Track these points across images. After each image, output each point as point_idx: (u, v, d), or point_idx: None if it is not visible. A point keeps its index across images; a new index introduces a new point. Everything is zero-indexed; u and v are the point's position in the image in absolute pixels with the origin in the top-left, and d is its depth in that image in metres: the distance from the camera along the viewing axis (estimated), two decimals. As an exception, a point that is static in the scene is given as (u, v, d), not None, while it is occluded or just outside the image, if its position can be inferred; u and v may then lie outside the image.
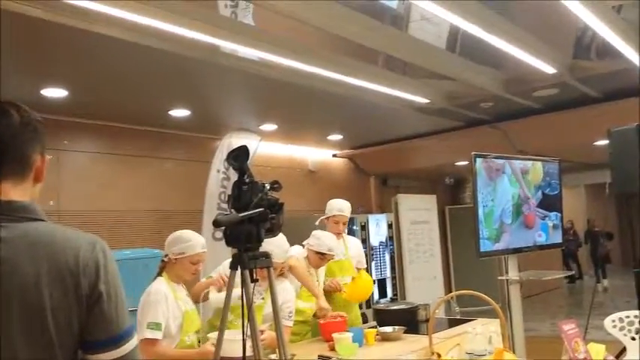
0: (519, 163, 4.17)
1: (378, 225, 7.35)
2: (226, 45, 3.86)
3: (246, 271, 1.81)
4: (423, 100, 5.63)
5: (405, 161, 8.01)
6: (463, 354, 2.77)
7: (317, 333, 3.55)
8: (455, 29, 4.78)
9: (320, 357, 2.95)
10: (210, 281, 3.14)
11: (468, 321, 3.72)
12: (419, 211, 8.32)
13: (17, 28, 3.16)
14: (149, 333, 2.52)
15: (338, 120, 6.46)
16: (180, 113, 5.34)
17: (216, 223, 1.76)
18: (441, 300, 2.71)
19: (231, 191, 1.89)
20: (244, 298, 1.77)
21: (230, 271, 1.88)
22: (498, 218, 3.95)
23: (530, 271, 4.59)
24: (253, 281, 1.84)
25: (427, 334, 2.74)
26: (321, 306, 3.48)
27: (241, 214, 1.79)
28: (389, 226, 7.52)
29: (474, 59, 4.95)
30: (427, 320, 3.59)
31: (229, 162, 1.89)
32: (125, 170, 5.64)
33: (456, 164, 8.17)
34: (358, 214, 7.03)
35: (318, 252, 3.60)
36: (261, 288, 2.99)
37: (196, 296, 3.04)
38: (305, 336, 3.60)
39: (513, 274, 4.05)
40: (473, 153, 3.89)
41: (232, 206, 1.87)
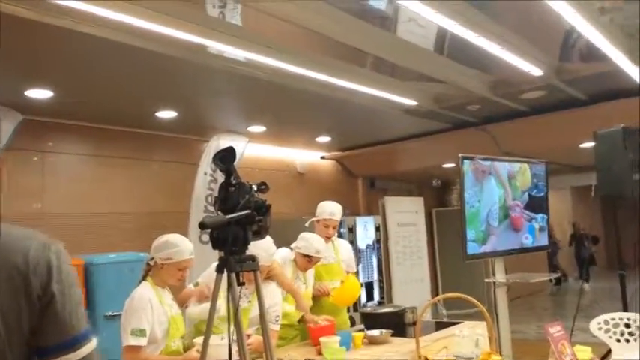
0: (507, 167, 4.20)
1: (366, 227, 7.34)
2: (214, 45, 3.83)
3: (232, 275, 1.78)
4: (411, 103, 5.64)
5: (393, 163, 8.02)
6: (450, 357, 2.76)
7: (305, 337, 3.53)
8: (443, 31, 4.79)
9: (307, 360, 2.93)
10: (192, 291, 3.10)
11: (455, 324, 3.72)
12: (406, 214, 8.33)
13: (1, 29, 3.10)
14: (133, 339, 2.48)
15: (326, 122, 6.45)
16: (166, 115, 5.30)
17: (202, 226, 1.74)
18: (429, 303, 2.71)
19: (217, 193, 1.87)
20: (230, 302, 1.75)
21: (216, 274, 1.86)
22: (485, 220, 3.96)
23: (516, 274, 4.61)
24: (240, 284, 1.81)
25: (414, 337, 2.73)
26: (300, 309, 3.46)
27: (228, 217, 1.77)
28: (376, 229, 7.52)
29: (462, 61, 4.96)
30: (414, 323, 3.58)
31: (216, 163, 1.87)
32: (111, 172, 5.57)
33: (444, 166, 8.20)
34: (346, 217, 7.01)
35: (305, 254, 3.58)
36: (247, 291, 2.96)
37: (182, 302, 3.01)
38: (293, 340, 3.58)
39: (500, 277, 4.07)
40: (460, 155, 3.92)
41: (219, 208, 1.85)
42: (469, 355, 2.68)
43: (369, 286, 7.17)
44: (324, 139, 7.27)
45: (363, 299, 6.85)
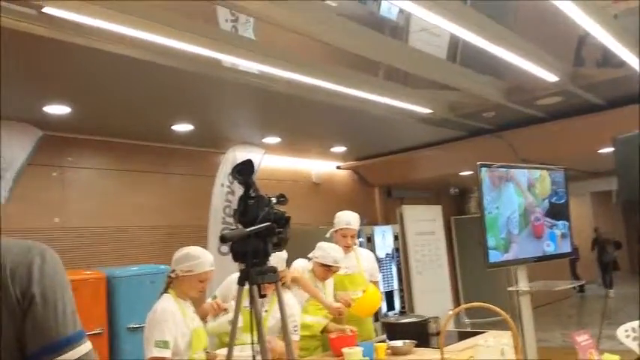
0: (525, 174, 4.15)
1: (384, 237, 7.31)
2: (228, 59, 3.86)
3: (254, 287, 1.77)
4: (426, 111, 5.62)
5: (409, 172, 7.98)
6: (475, 367, 2.72)
7: (327, 348, 3.50)
8: (455, 39, 4.78)
9: (329, 372, 2.91)
10: (208, 307, 3.11)
11: (479, 333, 3.67)
12: (424, 222, 8.27)
13: (20, 46, 3.16)
14: (157, 351, 2.48)
15: (341, 132, 6.45)
16: (183, 128, 5.34)
17: (223, 239, 1.73)
18: (453, 313, 2.67)
19: (237, 206, 1.86)
20: (252, 314, 1.74)
21: (237, 287, 1.85)
22: (505, 226, 3.91)
23: (540, 282, 4.54)
24: (261, 297, 1.80)
25: (438, 348, 2.69)
26: (333, 306, 3.43)
27: (248, 229, 1.76)
28: (395, 238, 7.47)
29: (475, 69, 4.94)
30: (438, 333, 3.53)
31: (234, 176, 1.86)
32: (129, 186, 5.62)
33: (460, 174, 8.14)
34: (363, 226, 6.99)
35: (323, 264, 3.56)
36: (263, 300, 2.96)
37: (202, 317, 3.01)
38: (314, 351, 3.55)
39: (523, 285, 4.00)
40: (478, 163, 3.87)
41: (239, 221, 1.84)
42: (494, 365, 2.63)
43: (390, 296, 7.12)
44: (340, 149, 7.27)
45: (384, 309, 6.80)
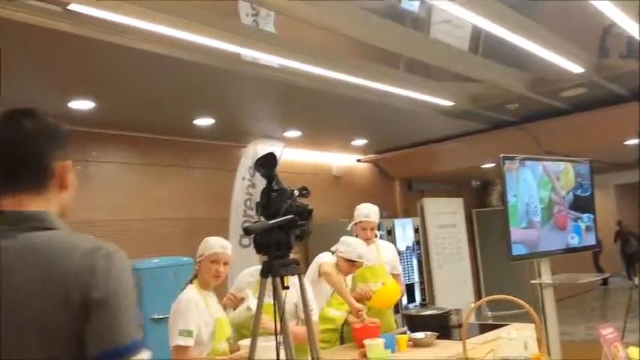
0: (549, 166, 4.10)
1: (405, 229, 7.29)
2: (248, 53, 3.87)
3: (277, 279, 1.79)
4: (447, 103, 5.57)
5: (430, 165, 7.94)
6: (498, 360, 2.71)
7: (347, 341, 3.52)
8: (477, 30, 4.72)
9: (351, 364, 2.92)
10: (225, 301, 3.14)
11: (500, 326, 3.64)
12: (445, 215, 8.23)
13: (45, 43, 3.21)
14: (181, 340, 2.53)
15: (362, 125, 6.43)
16: (205, 122, 5.38)
17: (246, 231, 1.75)
18: (476, 305, 2.66)
19: (259, 198, 1.88)
20: (276, 306, 1.76)
21: (260, 279, 1.87)
22: (524, 215, 3.85)
23: (563, 275, 4.49)
24: (284, 288, 1.82)
25: (459, 340, 2.69)
26: (355, 306, 3.44)
27: (271, 222, 1.78)
28: (415, 231, 7.45)
29: (498, 60, 4.88)
30: (459, 326, 3.52)
31: (257, 169, 1.88)
32: (152, 180, 5.69)
33: (482, 167, 8.07)
34: (383, 219, 6.98)
35: (347, 259, 3.55)
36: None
37: (224, 306, 3.05)
38: (336, 343, 3.57)
39: (547, 278, 3.96)
40: (501, 155, 3.84)
41: (261, 213, 1.86)
42: (518, 358, 2.62)
43: (410, 288, 7.11)
44: (360, 142, 7.25)
45: (405, 301, 6.79)
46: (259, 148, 5.85)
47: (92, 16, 2.99)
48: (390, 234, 6.98)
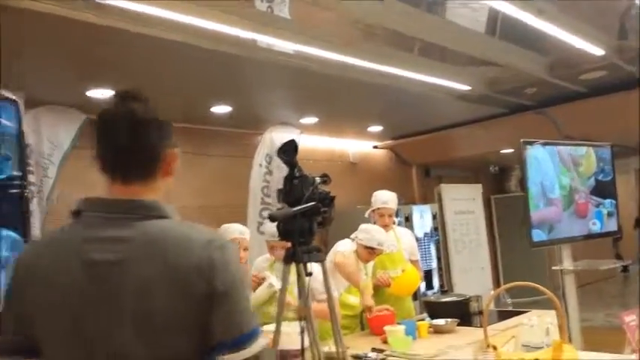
0: (570, 151, 4.04)
1: (422, 216, 7.26)
2: (264, 39, 3.85)
3: (300, 265, 1.80)
4: (465, 88, 5.51)
5: (448, 150, 7.87)
6: (519, 346, 2.69)
7: (365, 327, 3.53)
8: (494, 13, 4.64)
9: (373, 350, 2.93)
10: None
11: (520, 313, 3.63)
12: (463, 201, 8.17)
13: (62, 32, 3.23)
14: None
15: (378, 111, 6.39)
16: (221, 110, 5.38)
17: (271, 218, 1.76)
18: (497, 292, 2.65)
19: (282, 185, 1.88)
20: (301, 292, 1.77)
21: (284, 265, 1.88)
22: (541, 196, 3.79)
23: (584, 261, 4.44)
24: (307, 275, 1.83)
25: (480, 327, 2.68)
26: (365, 303, 3.44)
27: (294, 209, 1.78)
28: (433, 217, 7.42)
29: (516, 43, 4.80)
30: (480, 312, 3.52)
31: (279, 157, 1.88)
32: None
33: (501, 152, 7.99)
34: (401, 206, 6.97)
35: (367, 246, 3.56)
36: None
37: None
38: (356, 329, 3.59)
39: (568, 264, 3.93)
40: (522, 140, 3.79)
41: (284, 200, 1.86)
42: (539, 345, 2.61)
43: (428, 275, 7.10)
44: (376, 128, 7.22)
45: (423, 288, 6.79)
46: (276, 136, 5.85)
47: (110, 5, 3.00)
48: (408, 220, 6.96)
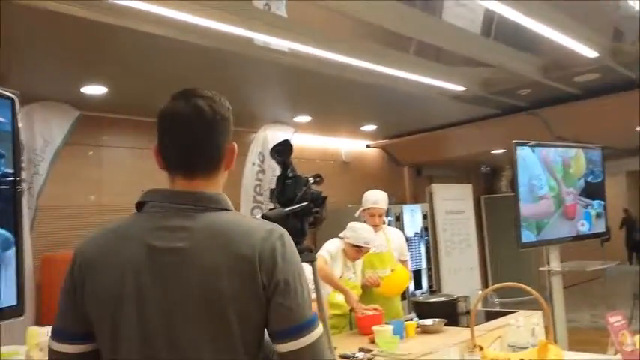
0: (560, 153, 4.08)
1: (413, 216, 7.30)
2: (260, 37, 3.86)
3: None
4: (459, 88, 5.54)
5: (440, 151, 7.91)
6: (505, 346, 2.73)
7: (355, 326, 3.55)
8: (490, 14, 4.67)
9: (361, 349, 2.95)
10: None
11: (507, 313, 3.67)
12: (454, 201, 8.21)
13: (57, 27, 3.22)
14: None
15: (372, 110, 6.41)
16: (215, 107, 5.38)
17: (265, 218, 1.77)
18: (484, 292, 2.68)
19: (275, 185, 1.90)
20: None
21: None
22: (530, 194, 3.82)
23: (572, 262, 4.49)
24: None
25: (467, 327, 2.71)
26: (350, 305, 3.47)
27: (287, 209, 1.80)
28: (424, 217, 7.45)
29: (511, 44, 4.83)
30: (467, 312, 3.55)
31: (272, 157, 1.89)
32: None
33: (492, 153, 8.03)
34: (392, 205, 7.00)
35: (354, 245, 3.59)
36: None
37: None
38: (344, 329, 3.61)
39: (555, 265, 3.98)
40: (513, 141, 3.83)
41: (276, 200, 1.88)
42: (525, 345, 2.65)
43: (418, 275, 7.14)
44: (370, 128, 7.24)
45: (412, 288, 6.83)
46: (269, 134, 5.86)
47: (105, 2, 2.99)
48: (399, 220, 7.00)
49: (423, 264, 7.33)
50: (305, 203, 1.81)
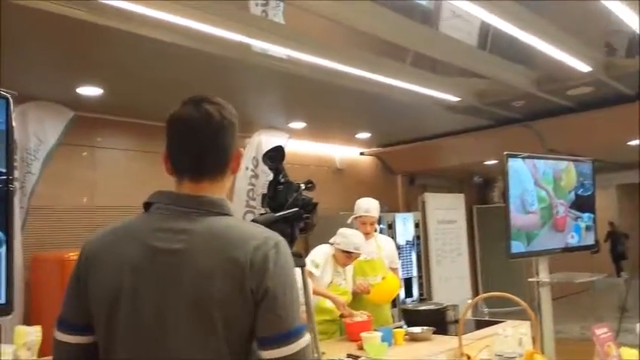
0: (552, 165, 4.11)
1: (405, 224, 7.32)
2: (256, 43, 3.88)
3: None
4: (453, 99, 5.58)
5: (434, 160, 7.95)
6: (493, 356, 2.75)
7: (345, 332, 3.56)
8: (486, 26, 4.72)
9: (349, 356, 2.96)
10: None
11: (496, 322, 3.69)
12: (446, 210, 8.25)
13: (53, 28, 3.23)
14: None
15: (366, 118, 6.45)
16: (210, 111, 5.39)
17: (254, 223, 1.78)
18: (473, 302, 2.70)
19: (267, 190, 1.91)
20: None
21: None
22: (520, 206, 3.86)
23: (561, 273, 4.53)
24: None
25: (456, 335, 2.73)
26: (341, 310, 3.48)
27: (277, 214, 1.81)
28: (416, 225, 7.48)
29: (506, 57, 4.88)
30: (456, 321, 3.57)
31: (265, 162, 1.91)
32: (157, 167, 5.65)
33: (485, 163, 8.08)
34: (385, 213, 7.02)
35: (344, 250, 3.60)
36: None
37: None
38: (333, 335, 3.62)
39: (544, 276, 4.00)
40: (505, 153, 3.86)
41: (267, 205, 1.89)
42: (512, 355, 2.66)
43: (408, 283, 7.15)
44: (364, 135, 7.27)
45: (402, 296, 6.84)
46: (264, 139, 5.88)
47: (103, 3, 3.01)
48: (391, 228, 7.01)
49: (414, 272, 7.34)
50: (296, 209, 1.83)
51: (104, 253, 1.21)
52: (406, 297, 7.02)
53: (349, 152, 7.87)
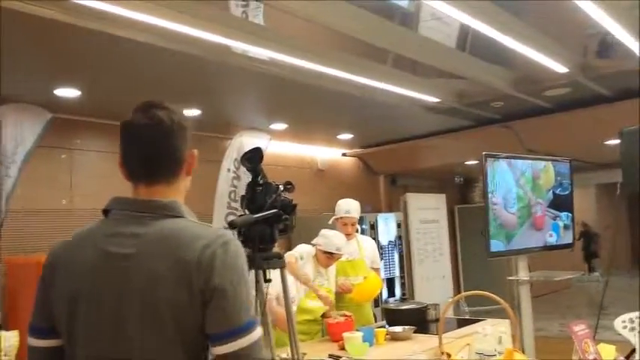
0: (530, 165, 4.17)
1: (387, 224, 7.35)
2: (237, 45, 3.87)
3: (259, 271, 1.83)
4: (433, 100, 5.63)
5: (415, 160, 8.00)
6: (473, 354, 2.77)
7: (326, 332, 3.57)
8: (465, 28, 4.77)
9: (330, 356, 2.97)
10: None
11: (477, 321, 3.73)
12: (428, 211, 8.31)
13: (30, 30, 3.19)
14: None
15: (348, 119, 6.47)
16: (191, 113, 5.36)
17: (231, 225, 1.78)
18: (453, 300, 2.72)
19: (245, 192, 1.91)
20: (257, 298, 1.80)
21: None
22: (500, 206, 3.91)
23: (540, 272, 4.58)
24: (266, 281, 1.86)
25: (437, 334, 2.75)
26: (319, 292, 3.48)
27: (256, 216, 1.81)
28: (398, 226, 7.52)
29: (485, 58, 4.94)
30: (437, 320, 3.60)
31: (243, 163, 1.91)
32: (136, 169, 5.66)
33: (466, 163, 8.15)
34: (367, 213, 7.05)
35: (326, 251, 3.61)
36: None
37: None
38: (315, 335, 3.62)
39: (523, 275, 4.05)
40: (484, 153, 3.90)
41: (246, 207, 1.89)
42: (491, 353, 2.69)
43: (391, 283, 7.19)
44: (346, 136, 7.29)
45: (385, 295, 6.87)
46: (245, 140, 5.86)
47: (79, 4, 2.98)
48: (373, 228, 7.04)
49: (397, 272, 7.38)
50: (274, 210, 1.83)
51: (65, 259, 1.25)
52: (389, 297, 7.06)
53: (331, 153, 7.89)
